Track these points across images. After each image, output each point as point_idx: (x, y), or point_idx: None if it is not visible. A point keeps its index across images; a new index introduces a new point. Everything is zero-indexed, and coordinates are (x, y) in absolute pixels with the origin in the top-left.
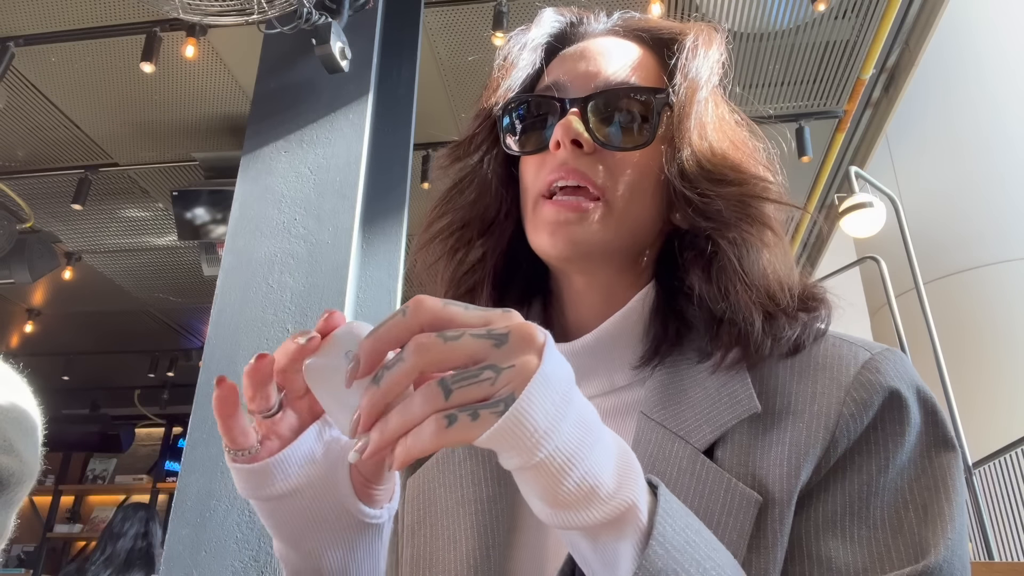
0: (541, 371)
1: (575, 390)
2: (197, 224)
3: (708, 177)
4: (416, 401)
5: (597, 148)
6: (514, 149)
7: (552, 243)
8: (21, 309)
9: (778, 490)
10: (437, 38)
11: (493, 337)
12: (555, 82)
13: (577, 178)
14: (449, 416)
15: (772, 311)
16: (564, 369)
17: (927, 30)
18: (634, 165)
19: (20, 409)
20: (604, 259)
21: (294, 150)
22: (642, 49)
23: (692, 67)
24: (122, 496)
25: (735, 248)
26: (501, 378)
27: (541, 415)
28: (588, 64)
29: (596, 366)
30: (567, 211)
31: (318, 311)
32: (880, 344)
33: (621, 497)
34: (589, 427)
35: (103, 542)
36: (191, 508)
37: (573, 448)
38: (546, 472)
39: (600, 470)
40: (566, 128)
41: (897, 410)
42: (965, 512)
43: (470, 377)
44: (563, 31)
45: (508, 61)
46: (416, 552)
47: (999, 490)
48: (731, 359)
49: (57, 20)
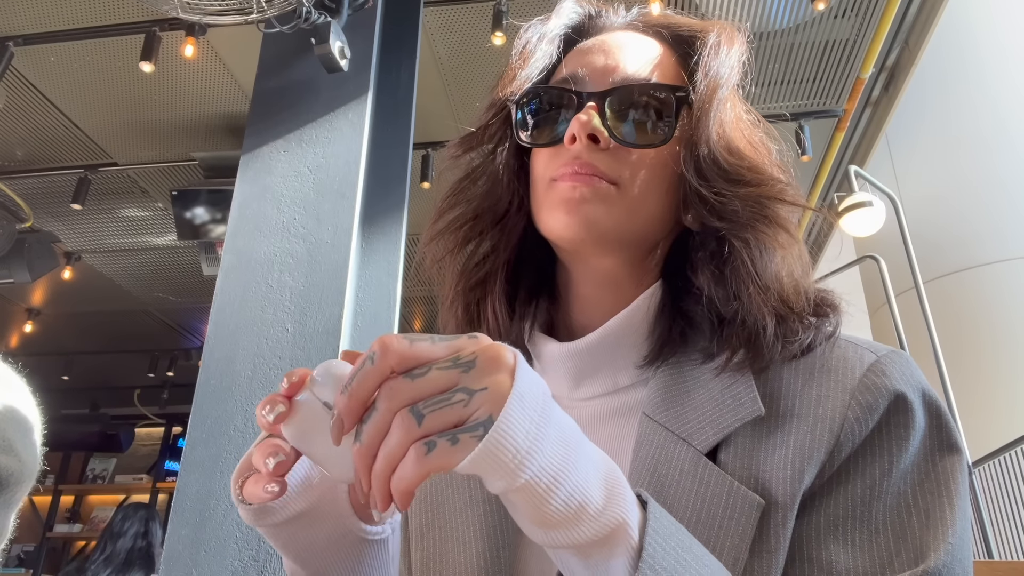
0: (515, 391)
1: (552, 406)
2: (197, 224)
3: (725, 177)
4: (393, 436)
5: (613, 144)
6: (527, 141)
7: (567, 223)
8: (21, 309)
9: (781, 493)
10: (437, 38)
11: (460, 365)
12: (572, 75)
13: (590, 170)
14: (428, 443)
15: (784, 314)
16: (538, 386)
17: (927, 30)
18: (650, 162)
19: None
20: (616, 246)
21: (293, 150)
22: (661, 46)
23: (713, 66)
24: (122, 496)
25: (749, 249)
26: (474, 400)
27: (521, 435)
28: (607, 58)
29: (600, 365)
30: (583, 185)
31: (318, 311)
32: (886, 346)
33: (610, 514)
34: (571, 443)
35: (103, 542)
36: (191, 508)
37: (557, 467)
38: (532, 493)
39: (587, 487)
40: (583, 122)
41: (902, 414)
42: (968, 515)
43: (442, 401)
44: (582, 23)
45: (526, 51)
46: (426, 554)
47: (999, 490)
48: (736, 361)
49: (56, 20)
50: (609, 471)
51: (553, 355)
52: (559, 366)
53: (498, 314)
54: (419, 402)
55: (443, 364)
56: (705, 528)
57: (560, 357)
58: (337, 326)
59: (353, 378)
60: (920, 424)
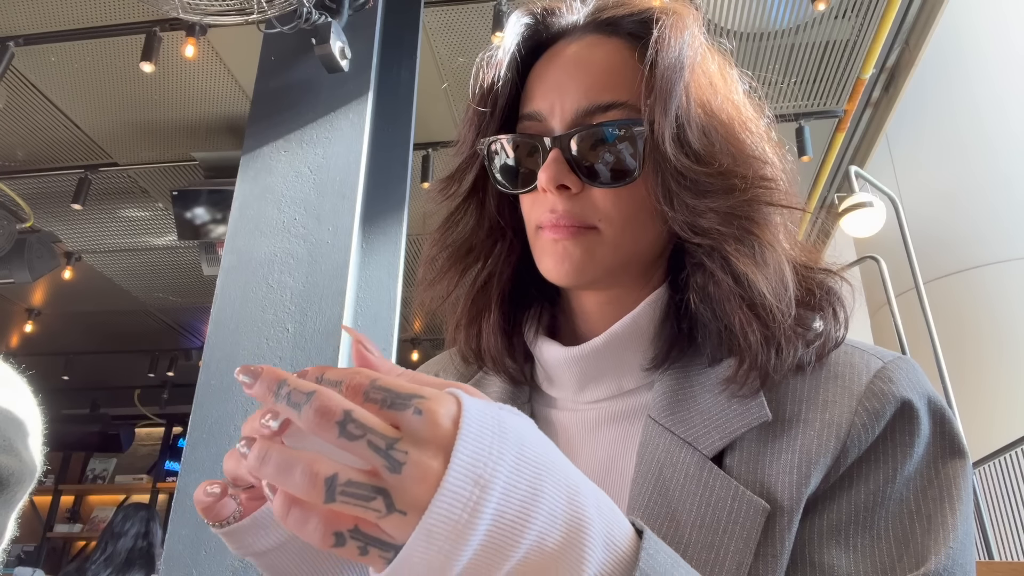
0: (422, 526)
1: (478, 520)
2: (197, 224)
3: (694, 189)
4: (297, 475)
5: (585, 186)
6: (505, 187)
7: (557, 274)
8: (21, 309)
9: (786, 498)
10: (437, 38)
11: (389, 460)
12: (535, 112)
13: (568, 221)
14: (338, 536)
15: (771, 329)
16: (460, 508)
17: (927, 30)
18: (626, 196)
19: (20, 409)
20: (611, 279)
21: (294, 150)
22: (618, 45)
23: (659, 70)
24: (122, 496)
25: (728, 264)
26: (390, 519)
27: (424, 570)
28: (563, 89)
29: (605, 369)
30: (564, 238)
31: (318, 311)
32: (892, 352)
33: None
34: (500, 547)
35: (103, 541)
36: (191, 508)
37: (486, 564)
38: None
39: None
40: (549, 175)
41: (908, 421)
42: (971, 520)
43: (360, 500)
44: (536, 30)
45: (484, 87)
46: None
47: (999, 490)
48: (742, 376)
49: (57, 20)
50: (564, 549)
51: (558, 359)
52: (564, 370)
53: (496, 339)
54: (333, 474)
55: (376, 441)
56: (709, 533)
57: (565, 362)
58: (337, 326)
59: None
60: (925, 431)
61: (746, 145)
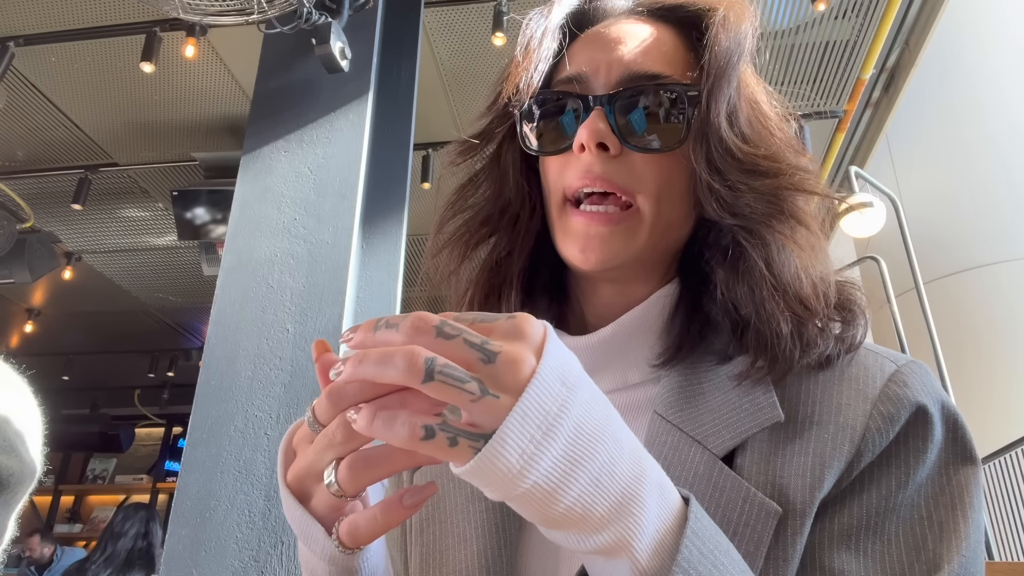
0: (519, 407)
1: (565, 418)
2: (197, 224)
3: (740, 167)
4: (398, 359)
5: (624, 150)
6: (534, 149)
7: (584, 259)
8: (21, 309)
9: (799, 501)
10: (437, 38)
11: (484, 352)
12: (577, 74)
13: (604, 186)
14: (427, 428)
15: (803, 318)
16: (551, 400)
17: (927, 30)
18: (665, 164)
19: (21, 410)
20: (635, 267)
21: (294, 150)
22: (667, 30)
23: (724, 45)
24: (122, 496)
25: (765, 248)
26: (481, 404)
27: (516, 456)
28: (610, 53)
29: (610, 361)
30: (598, 224)
31: (318, 311)
32: (905, 355)
33: (612, 532)
34: (580, 455)
35: (103, 542)
36: (191, 508)
37: (556, 481)
38: (529, 502)
39: (591, 501)
40: (591, 131)
41: (922, 426)
42: (982, 528)
43: (456, 380)
44: (583, 9)
45: (529, 48)
46: (425, 550)
47: (999, 490)
48: (756, 370)
49: (57, 20)
50: (630, 482)
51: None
52: None
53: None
54: (432, 356)
55: (472, 338)
56: None
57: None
58: (337, 327)
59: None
60: (938, 437)
61: (785, 138)
